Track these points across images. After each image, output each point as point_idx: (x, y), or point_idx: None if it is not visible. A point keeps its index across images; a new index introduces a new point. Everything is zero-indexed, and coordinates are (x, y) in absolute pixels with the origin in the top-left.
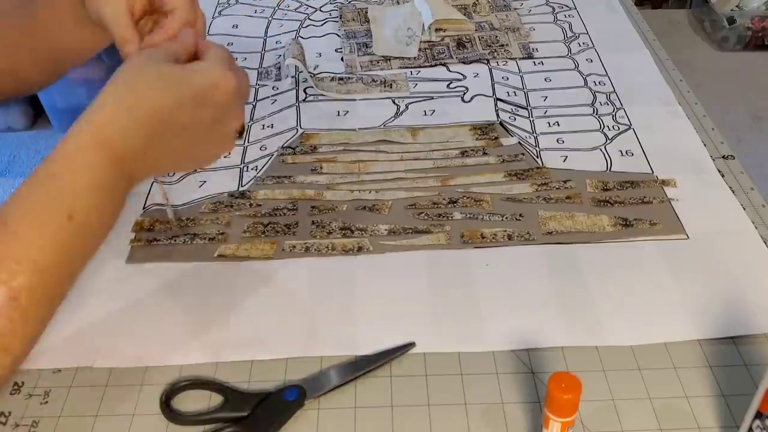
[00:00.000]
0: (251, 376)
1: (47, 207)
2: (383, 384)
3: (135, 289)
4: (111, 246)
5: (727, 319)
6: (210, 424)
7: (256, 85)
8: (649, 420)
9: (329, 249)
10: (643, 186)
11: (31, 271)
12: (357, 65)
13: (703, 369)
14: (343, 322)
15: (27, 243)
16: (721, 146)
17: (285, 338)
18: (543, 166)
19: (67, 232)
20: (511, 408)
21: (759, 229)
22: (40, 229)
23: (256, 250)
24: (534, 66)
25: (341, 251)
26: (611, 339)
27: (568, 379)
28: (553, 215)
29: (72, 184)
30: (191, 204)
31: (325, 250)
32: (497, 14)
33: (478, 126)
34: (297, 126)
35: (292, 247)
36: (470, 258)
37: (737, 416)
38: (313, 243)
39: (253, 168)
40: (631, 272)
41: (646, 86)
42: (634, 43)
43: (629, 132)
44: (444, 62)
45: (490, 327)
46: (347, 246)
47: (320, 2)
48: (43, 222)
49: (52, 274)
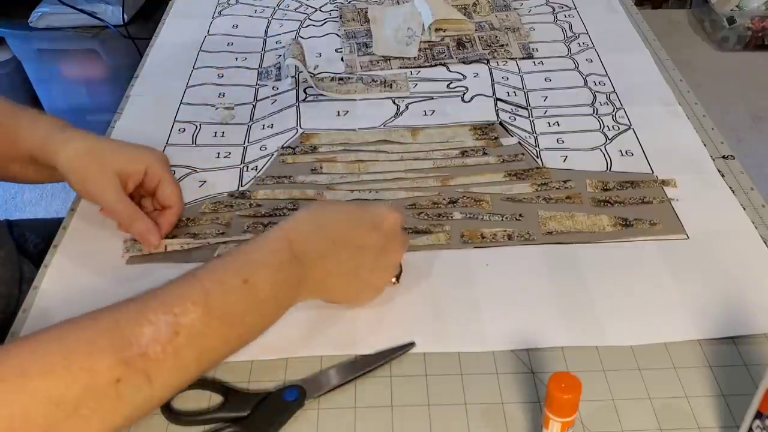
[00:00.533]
0: (251, 376)
1: (231, 269)
2: (383, 384)
3: (135, 289)
4: (111, 246)
5: (727, 319)
6: (210, 424)
7: (256, 85)
8: (649, 420)
9: None
10: (643, 186)
11: (200, 315)
12: (357, 65)
13: (703, 369)
14: (343, 322)
15: (205, 291)
16: (721, 146)
17: (285, 338)
18: (543, 166)
19: (239, 293)
20: (511, 408)
21: (759, 229)
22: (220, 283)
23: None
24: (534, 66)
25: None
26: (611, 339)
27: (568, 379)
28: (553, 215)
29: (255, 257)
30: (191, 204)
31: None
32: (497, 14)
33: (478, 126)
34: (297, 126)
35: None
36: (470, 258)
37: (737, 416)
38: None
39: (253, 168)
40: (631, 272)
41: (646, 86)
42: (634, 43)
43: (629, 132)
44: (444, 62)
45: (490, 327)
46: None
47: (320, 2)
48: (224, 280)
49: (213, 325)
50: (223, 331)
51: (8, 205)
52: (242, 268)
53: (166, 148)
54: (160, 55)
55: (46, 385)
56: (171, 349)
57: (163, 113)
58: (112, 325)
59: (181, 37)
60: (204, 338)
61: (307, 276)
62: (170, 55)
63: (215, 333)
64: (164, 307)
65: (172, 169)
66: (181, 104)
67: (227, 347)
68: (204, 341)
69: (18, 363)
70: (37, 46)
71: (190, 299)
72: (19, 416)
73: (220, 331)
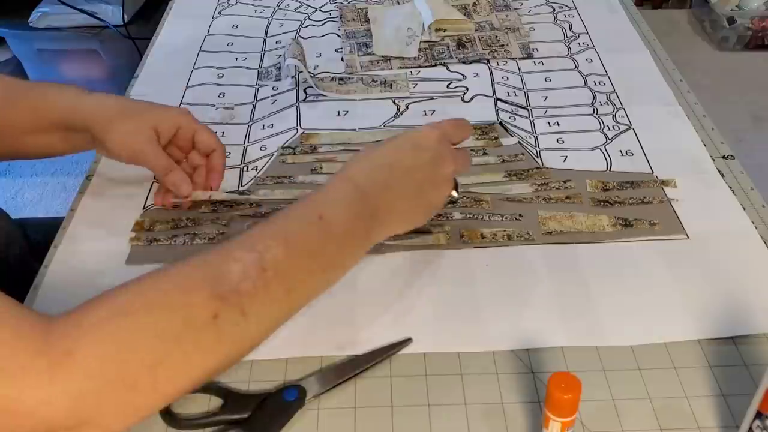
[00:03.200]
0: (251, 377)
1: (303, 206)
2: (383, 384)
3: None
4: (111, 246)
5: (727, 319)
6: (211, 427)
7: (256, 85)
8: (649, 420)
9: None
10: (643, 186)
11: (282, 250)
12: (357, 65)
13: (703, 369)
14: (343, 322)
15: (283, 227)
16: (721, 146)
17: (285, 338)
18: (543, 166)
19: (316, 228)
20: (511, 408)
21: (759, 229)
22: (295, 219)
23: None
24: (534, 66)
25: None
26: (611, 339)
27: (568, 379)
28: (553, 215)
29: (325, 197)
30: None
31: None
32: (497, 14)
33: (478, 126)
34: (297, 126)
35: None
36: (470, 258)
37: (737, 416)
38: None
39: (253, 168)
40: (631, 272)
41: (646, 86)
42: (634, 43)
43: (629, 132)
44: (444, 62)
45: (490, 327)
46: None
47: (320, 2)
48: (298, 216)
49: (296, 258)
50: (307, 263)
51: (8, 205)
52: (315, 207)
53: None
54: (160, 55)
55: (149, 319)
56: (261, 283)
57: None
58: (202, 265)
59: (181, 37)
60: (289, 271)
61: (378, 207)
62: (170, 55)
63: (299, 266)
64: (248, 246)
65: None
66: (181, 104)
67: (314, 280)
68: (290, 274)
69: (120, 303)
70: (37, 46)
71: (270, 236)
72: (125, 350)
73: (303, 263)
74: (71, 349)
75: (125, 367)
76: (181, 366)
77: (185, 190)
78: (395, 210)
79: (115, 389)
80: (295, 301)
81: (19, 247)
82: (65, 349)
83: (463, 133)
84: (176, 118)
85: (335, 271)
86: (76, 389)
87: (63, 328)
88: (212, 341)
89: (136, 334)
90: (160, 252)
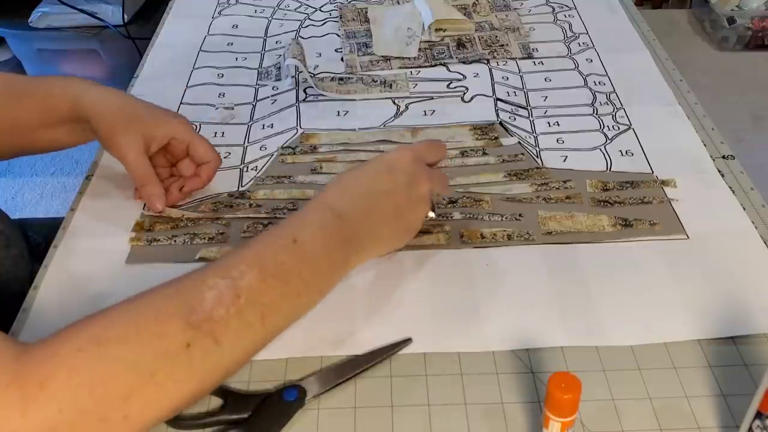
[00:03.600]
0: (251, 377)
1: (279, 233)
2: (383, 384)
3: (135, 289)
4: (111, 246)
5: (727, 319)
6: (210, 427)
7: (256, 85)
8: (649, 420)
9: None
10: (643, 186)
11: (256, 275)
12: (357, 65)
13: (703, 369)
14: (343, 322)
15: (257, 251)
16: (721, 146)
17: (285, 338)
18: (543, 166)
19: (290, 251)
20: (511, 408)
21: (759, 229)
22: (270, 244)
23: None
24: (534, 66)
25: None
26: (611, 339)
27: (568, 379)
28: (552, 215)
29: (301, 220)
30: (191, 204)
31: None
32: (497, 14)
33: (478, 126)
34: (297, 126)
35: None
36: (470, 258)
37: (737, 416)
38: None
39: (253, 168)
40: (631, 272)
41: (646, 86)
42: (634, 43)
43: (629, 132)
44: (444, 62)
45: (490, 327)
46: None
47: (320, 2)
48: (273, 240)
49: (270, 283)
50: (281, 288)
51: (8, 205)
52: (290, 230)
53: None
54: (160, 55)
55: (122, 351)
56: (234, 310)
57: None
58: (176, 294)
59: (181, 37)
60: (263, 297)
61: (356, 233)
62: (170, 55)
63: (273, 291)
64: (222, 272)
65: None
66: (181, 104)
67: (289, 305)
68: (264, 300)
69: (94, 333)
70: (37, 46)
71: (244, 262)
72: (99, 382)
73: (277, 289)
74: (44, 381)
75: (98, 400)
76: (155, 397)
77: (157, 206)
78: (373, 235)
79: (88, 422)
80: (270, 326)
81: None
82: (39, 381)
83: (438, 154)
84: (170, 130)
85: (311, 296)
86: (49, 422)
87: (37, 357)
88: (185, 371)
89: (110, 366)
90: (160, 252)
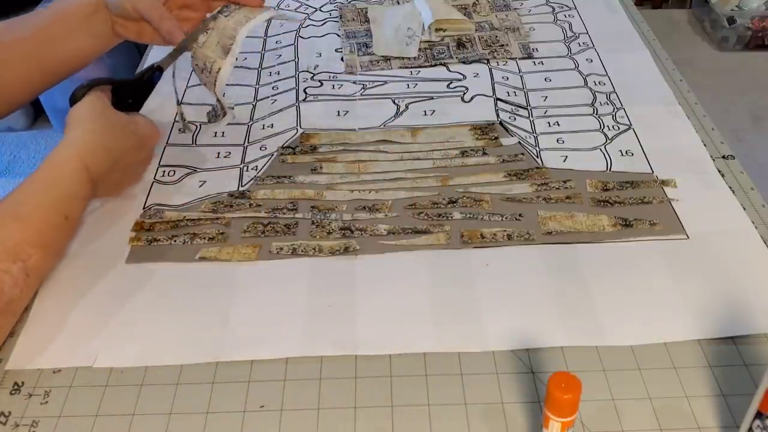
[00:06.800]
0: (251, 377)
1: (53, 208)
2: (383, 384)
3: (135, 289)
4: (111, 246)
5: (727, 319)
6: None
7: (256, 85)
8: (649, 420)
9: (316, 251)
10: (643, 186)
11: (41, 255)
12: (357, 65)
13: (703, 369)
14: (343, 322)
15: (39, 233)
16: (721, 146)
17: (285, 338)
18: (543, 166)
19: (65, 231)
20: (511, 408)
21: (759, 229)
22: (47, 223)
23: (238, 253)
24: (534, 66)
25: (328, 253)
26: (611, 339)
27: (568, 379)
28: (552, 215)
29: (67, 191)
30: (191, 204)
31: (312, 252)
32: (497, 14)
33: (478, 126)
34: (297, 126)
35: (279, 249)
36: (470, 258)
37: (737, 416)
38: (299, 244)
39: (253, 168)
40: (631, 272)
41: (646, 86)
42: (634, 43)
43: (629, 132)
44: (444, 62)
45: (490, 327)
46: (334, 248)
47: (320, 2)
48: (50, 219)
49: (50, 259)
50: (56, 260)
51: None
52: (61, 206)
53: (166, 148)
54: (160, 55)
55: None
56: (26, 287)
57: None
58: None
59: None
60: (44, 270)
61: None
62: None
63: (51, 262)
64: (12, 257)
65: (172, 170)
66: (181, 104)
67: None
68: (44, 272)
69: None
70: None
71: (29, 243)
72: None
73: (54, 260)
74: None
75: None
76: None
77: (177, 36)
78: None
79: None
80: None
81: None
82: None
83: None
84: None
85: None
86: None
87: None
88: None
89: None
90: (160, 252)
